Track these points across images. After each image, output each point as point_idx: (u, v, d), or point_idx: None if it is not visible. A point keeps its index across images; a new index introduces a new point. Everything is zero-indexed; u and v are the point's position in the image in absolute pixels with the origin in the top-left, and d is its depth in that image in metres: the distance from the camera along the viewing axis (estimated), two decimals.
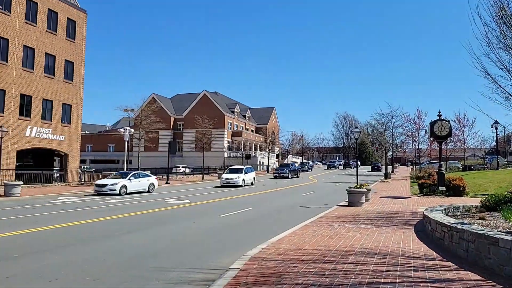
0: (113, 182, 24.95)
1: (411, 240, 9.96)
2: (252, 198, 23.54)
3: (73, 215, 15.00)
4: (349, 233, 10.92)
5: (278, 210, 17.55)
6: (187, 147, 70.04)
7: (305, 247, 8.99)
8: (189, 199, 22.18)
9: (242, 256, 8.10)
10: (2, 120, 27.32)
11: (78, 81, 34.64)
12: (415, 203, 19.49)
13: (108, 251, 8.93)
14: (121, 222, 13.40)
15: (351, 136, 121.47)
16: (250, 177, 36.17)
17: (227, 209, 17.50)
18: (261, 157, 72.48)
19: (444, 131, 23.16)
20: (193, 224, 13.18)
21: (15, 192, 21.66)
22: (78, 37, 34.55)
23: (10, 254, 8.54)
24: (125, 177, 25.88)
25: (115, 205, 18.69)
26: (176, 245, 9.85)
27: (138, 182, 26.46)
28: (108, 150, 78.31)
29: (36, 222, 13.07)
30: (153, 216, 15.08)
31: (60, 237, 10.64)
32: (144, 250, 9.09)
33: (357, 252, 8.46)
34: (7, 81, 28.12)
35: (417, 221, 13.39)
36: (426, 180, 25.67)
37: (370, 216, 14.82)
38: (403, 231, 11.38)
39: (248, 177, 35.65)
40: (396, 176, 49.97)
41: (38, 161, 33.15)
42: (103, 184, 24.75)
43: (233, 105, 78.82)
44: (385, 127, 48.34)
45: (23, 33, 29.30)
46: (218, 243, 10.17)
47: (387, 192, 27.20)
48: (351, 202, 18.47)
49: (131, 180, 25.82)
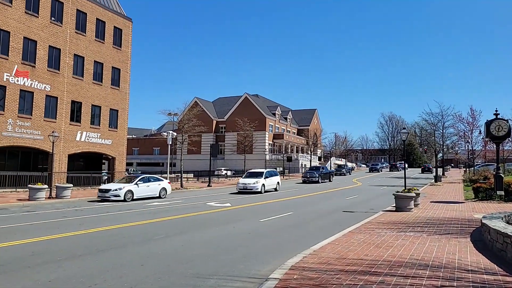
0: (117, 187, 22.63)
1: (467, 251, 9.12)
2: (291, 201, 23.05)
3: (117, 218, 15.30)
4: (397, 242, 10.22)
5: (320, 215, 16.98)
6: (229, 150, 70.57)
7: (349, 256, 8.46)
8: (230, 202, 22.11)
9: (282, 265, 7.72)
10: (54, 125, 28.76)
11: (124, 87, 35.80)
12: (470, 209, 18.15)
13: (147, 256, 8.87)
14: (162, 226, 13.45)
15: (397, 137, 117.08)
16: (272, 182, 31.65)
17: (267, 213, 17.17)
18: (303, 159, 71.56)
19: (502, 131, 21.50)
20: (233, 229, 12.95)
21: (65, 194, 22.58)
22: (124, 45, 35.73)
23: (55, 257, 8.69)
24: (132, 182, 23.64)
25: (158, 209, 18.93)
26: (215, 250, 9.63)
27: (147, 186, 24.04)
28: (154, 153, 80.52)
29: (82, 225, 13.44)
30: (194, 220, 15.03)
31: (102, 240, 10.77)
32: (182, 256, 8.94)
33: (407, 264, 7.81)
34: (59, 89, 29.62)
35: (473, 229, 12.35)
36: (481, 183, 23.94)
37: (420, 222, 13.88)
38: (458, 240, 10.49)
39: (270, 182, 31.18)
40: (447, 179, 47.38)
41: (88, 164, 34.59)
42: (107, 189, 22.47)
43: (274, 107, 78.62)
44: (434, 128, 46.14)
45: (73, 42, 30.77)
46: (258, 249, 9.84)
47: (438, 196, 25.68)
48: (398, 207, 17.48)
49: (138, 185, 23.45)
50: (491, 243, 9.34)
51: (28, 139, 27.42)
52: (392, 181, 45.64)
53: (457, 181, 44.28)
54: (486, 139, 42.05)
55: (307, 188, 34.55)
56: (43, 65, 28.55)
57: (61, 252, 9.21)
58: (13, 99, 26.65)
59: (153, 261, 8.44)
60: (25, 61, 27.50)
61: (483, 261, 8.11)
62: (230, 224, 13.97)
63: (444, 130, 45.38)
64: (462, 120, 46.35)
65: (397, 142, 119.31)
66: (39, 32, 28.38)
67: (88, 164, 34.99)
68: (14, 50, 26.79)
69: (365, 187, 36.14)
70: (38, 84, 28.12)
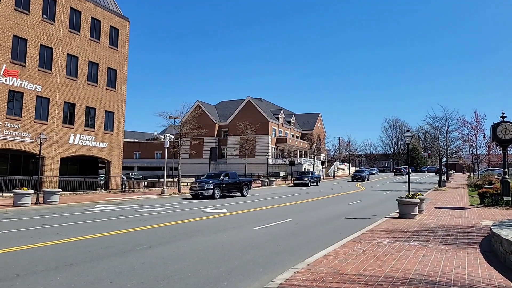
0: None
1: (478, 264, 8.23)
2: (291, 207, 22.13)
3: (103, 225, 14.37)
4: (400, 253, 9.29)
5: (319, 222, 16.04)
6: (231, 154, 69.82)
7: (347, 271, 7.52)
8: (226, 208, 21.20)
9: (270, 282, 6.79)
10: (46, 128, 27.90)
11: (121, 88, 34.97)
12: (477, 216, 17.34)
13: (119, 272, 7.89)
14: (147, 234, 12.49)
15: (401, 142, 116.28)
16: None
17: (264, 220, 16.25)
18: (307, 163, 70.66)
19: (509, 135, 20.71)
20: (224, 238, 12.01)
21: (53, 200, 21.57)
22: (121, 45, 34.95)
23: (11, 274, 7.64)
24: None
25: (149, 215, 17.98)
26: (199, 263, 8.68)
27: None
28: (155, 157, 79.74)
29: (59, 234, 12.44)
30: (185, 227, 14.10)
31: (76, 251, 9.79)
32: (161, 271, 7.99)
33: (411, 280, 6.89)
34: (51, 89, 28.73)
35: (481, 238, 11.48)
36: (487, 189, 23.07)
37: (425, 230, 13.02)
38: (467, 251, 9.58)
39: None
40: (451, 184, 46.49)
41: (83, 169, 33.74)
42: None
43: (277, 111, 77.99)
44: (438, 132, 45.34)
45: (67, 41, 29.93)
46: (247, 262, 8.90)
47: (443, 202, 24.82)
48: (402, 214, 16.67)
49: None
50: (503, 255, 8.43)
51: (17, 141, 26.41)
52: (396, 186, 45.05)
53: (461, 186, 43.48)
54: (491, 143, 41.12)
55: (308, 193, 33.79)
56: (34, 65, 27.61)
57: (19, 267, 8.11)
58: (1, 99, 25.69)
59: (125, 277, 7.48)
60: (15, 60, 26.54)
61: (496, 277, 7.24)
62: (222, 232, 13.05)
63: (448, 134, 44.63)
64: (466, 124, 45.49)
65: (401, 147, 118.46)
66: (30, 30, 27.45)
67: (83, 168, 34.13)
68: (2, 48, 25.84)
69: (368, 192, 35.32)
70: (29, 85, 27.17)
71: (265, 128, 69.70)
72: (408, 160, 24.19)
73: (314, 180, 48.62)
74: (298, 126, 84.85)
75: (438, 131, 45.49)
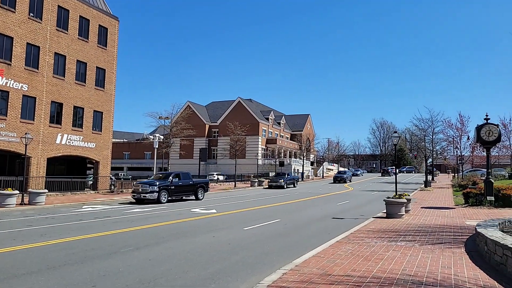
0: None
1: (463, 264, 8.33)
2: (281, 207, 22.18)
3: (89, 227, 14.20)
4: (388, 253, 9.37)
5: (308, 222, 16.10)
6: (221, 154, 69.69)
7: (335, 272, 7.56)
8: (215, 208, 21.15)
9: (258, 284, 6.78)
10: (32, 127, 27.46)
11: (110, 88, 34.62)
12: (462, 215, 17.63)
13: (103, 274, 7.76)
14: (134, 235, 12.38)
15: (388, 143, 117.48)
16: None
17: (253, 220, 16.25)
18: (296, 164, 70.90)
19: (493, 136, 21.04)
20: (213, 238, 11.98)
21: (39, 201, 21.24)
22: (110, 44, 34.60)
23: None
24: None
25: (137, 216, 17.83)
26: (186, 265, 8.63)
27: None
28: (145, 157, 79.18)
29: (43, 235, 12.22)
30: (173, 228, 14.02)
31: (59, 253, 9.60)
32: (147, 273, 7.91)
33: (398, 281, 6.95)
34: (38, 89, 28.28)
35: (466, 237, 11.67)
36: (471, 189, 23.47)
37: (412, 230, 13.19)
38: (452, 250, 9.72)
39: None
40: (436, 184, 47.24)
41: (71, 169, 33.30)
42: None
43: (267, 112, 78.19)
44: (424, 133, 45.95)
45: (54, 40, 29.49)
46: (235, 263, 8.89)
47: (429, 202, 25.18)
48: (389, 214, 16.88)
49: None
50: (488, 255, 8.56)
51: (2, 141, 25.85)
52: (383, 186, 45.56)
53: (446, 186, 44.20)
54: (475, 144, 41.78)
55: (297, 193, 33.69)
56: (20, 63, 27.08)
57: None
58: None
59: (109, 280, 7.36)
60: (0, 59, 25.96)
61: (482, 276, 7.34)
62: (210, 233, 13.00)
63: (434, 135, 45.30)
64: (451, 126, 46.25)
65: (388, 148, 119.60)
66: (16, 28, 26.91)
67: (71, 169, 33.70)
68: None
69: (356, 193, 35.61)
70: (14, 83, 26.63)
71: (255, 129, 69.77)
72: (395, 161, 24.46)
73: (291, 182, 45.50)
74: (288, 127, 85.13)
75: (424, 132, 46.10)
